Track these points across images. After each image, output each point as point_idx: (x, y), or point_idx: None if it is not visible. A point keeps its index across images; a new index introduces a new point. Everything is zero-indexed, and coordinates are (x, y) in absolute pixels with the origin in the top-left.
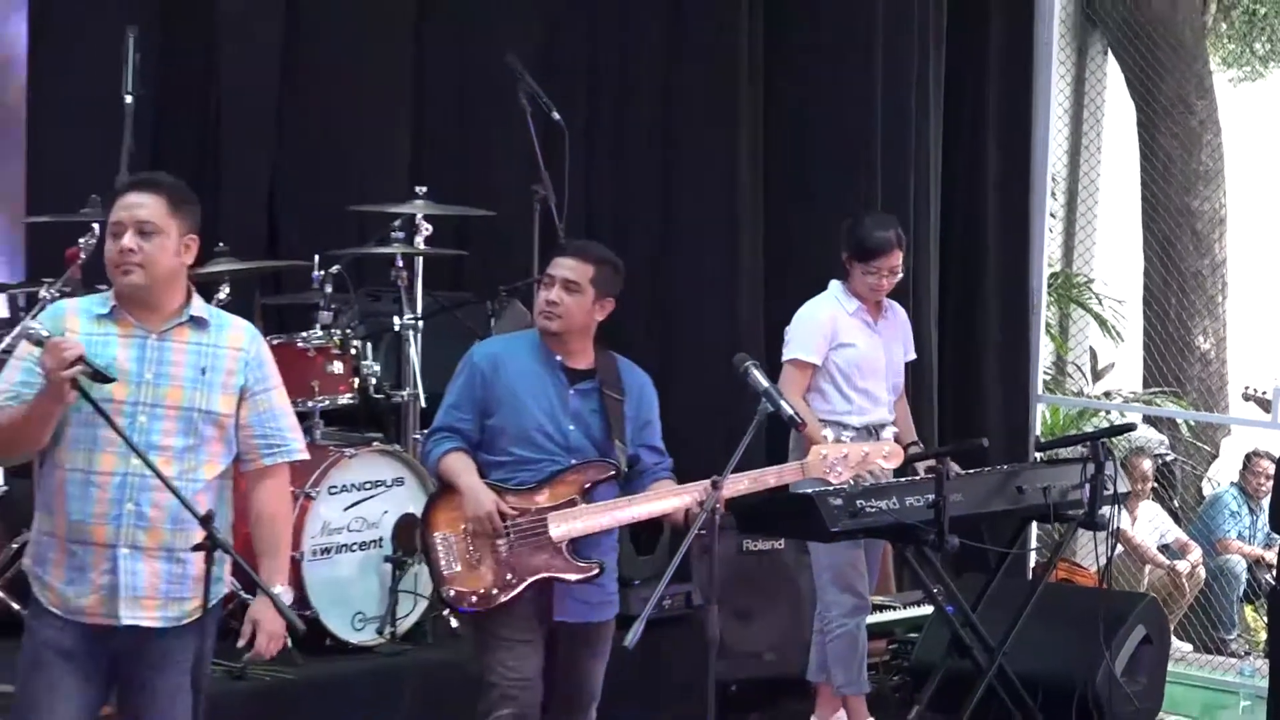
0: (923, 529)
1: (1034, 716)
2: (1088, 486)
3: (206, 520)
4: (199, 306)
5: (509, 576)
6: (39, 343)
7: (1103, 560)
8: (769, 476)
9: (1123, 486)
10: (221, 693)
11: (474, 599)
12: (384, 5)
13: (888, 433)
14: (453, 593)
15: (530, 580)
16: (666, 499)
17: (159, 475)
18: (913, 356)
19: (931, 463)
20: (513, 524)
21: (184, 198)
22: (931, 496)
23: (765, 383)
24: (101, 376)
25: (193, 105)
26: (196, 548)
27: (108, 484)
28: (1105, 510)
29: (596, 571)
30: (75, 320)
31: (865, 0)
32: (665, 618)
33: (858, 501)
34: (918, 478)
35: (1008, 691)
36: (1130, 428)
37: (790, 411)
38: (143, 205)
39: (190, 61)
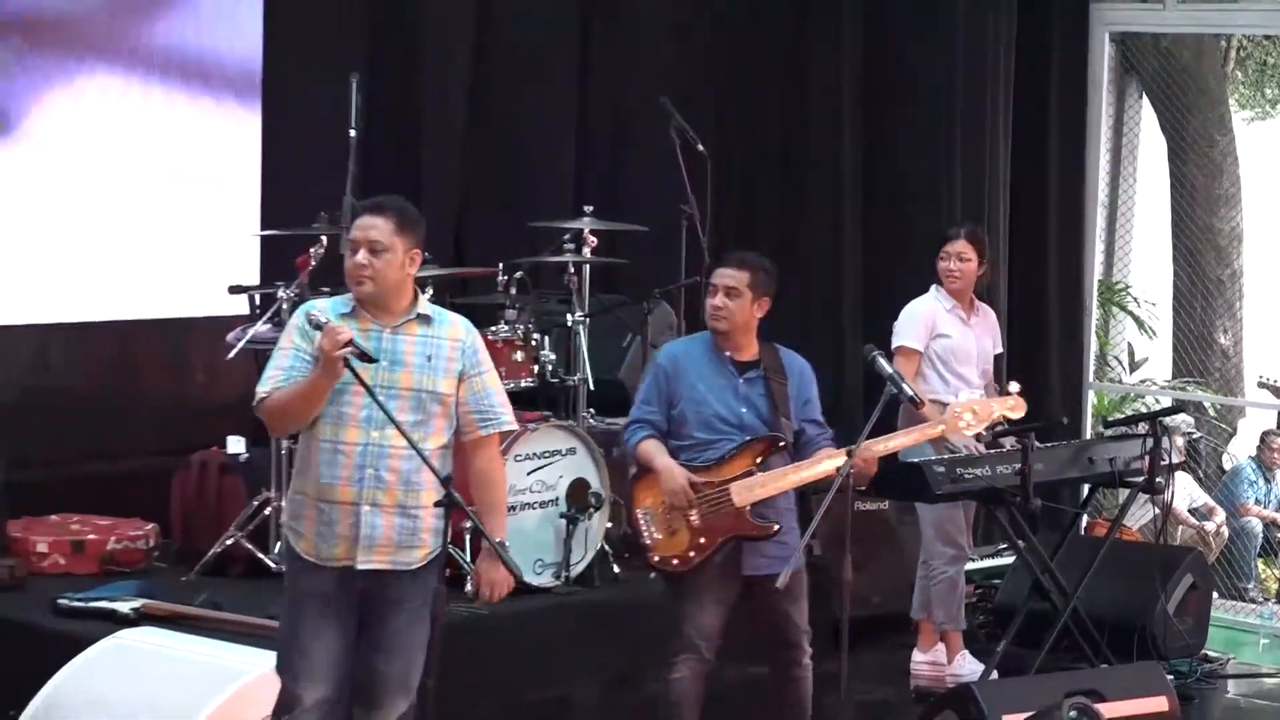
0: (1011, 492)
1: (1102, 650)
2: (1147, 458)
3: (447, 481)
4: (424, 305)
5: (702, 540)
6: (319, 326)
7: (1148, 520)
8: (912, 435)
9: (1176, 457)
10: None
11: (675, 562)
12: (554, 53)
13: (1013, 387)
14: (657, 558)
15: (720, 541)
16: (825, 463)
17: (411, 442)
18: (1000, 350)
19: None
20: (702, 495)
21: (409, 219)
22: (1019, 465)
23: (890, 369)
24: (367, 357)
25: (396, 137)
26: (437, 504)
27: (352, 452)
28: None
29: (775, 529)
30: (325, 316)
31: (947, 59)
32: None
33: (958, 469)
34: (1005, 450)
35: (1079, 629)
36: (1180, 409)
37: (911, 393)
38: (374, 226)
39: (394, 100)
